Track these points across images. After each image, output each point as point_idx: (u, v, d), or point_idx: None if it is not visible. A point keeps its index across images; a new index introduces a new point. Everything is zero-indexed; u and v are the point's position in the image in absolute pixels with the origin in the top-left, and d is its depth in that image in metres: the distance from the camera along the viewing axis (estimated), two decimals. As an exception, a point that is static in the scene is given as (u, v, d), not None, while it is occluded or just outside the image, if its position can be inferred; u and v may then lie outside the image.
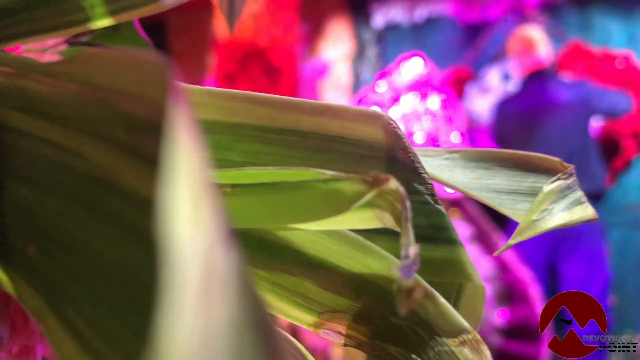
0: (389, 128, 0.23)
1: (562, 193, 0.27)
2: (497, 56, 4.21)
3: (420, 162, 0.24)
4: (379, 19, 4.08)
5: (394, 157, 0.23)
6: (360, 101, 2.32)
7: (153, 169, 0.14)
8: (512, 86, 3.91)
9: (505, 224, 2.85)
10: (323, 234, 0.23)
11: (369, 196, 0.19)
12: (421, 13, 4.05)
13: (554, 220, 0.27)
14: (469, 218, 2.10)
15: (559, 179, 0.28)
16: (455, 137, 2.12)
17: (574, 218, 0.27)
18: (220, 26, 3.58)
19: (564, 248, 2.68)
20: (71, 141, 0.17)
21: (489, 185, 0.29)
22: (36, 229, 0.18)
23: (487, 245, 2.06)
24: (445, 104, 2.21)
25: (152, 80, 0.13)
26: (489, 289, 1.93)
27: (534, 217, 0.27)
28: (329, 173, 0.20)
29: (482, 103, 4.16)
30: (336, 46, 4.20)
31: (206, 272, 0.10)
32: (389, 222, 0.20)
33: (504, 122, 3.19)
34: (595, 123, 2.93)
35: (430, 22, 4.04)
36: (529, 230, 0.26)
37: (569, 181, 0.28)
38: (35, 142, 0.18)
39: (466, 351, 0.22)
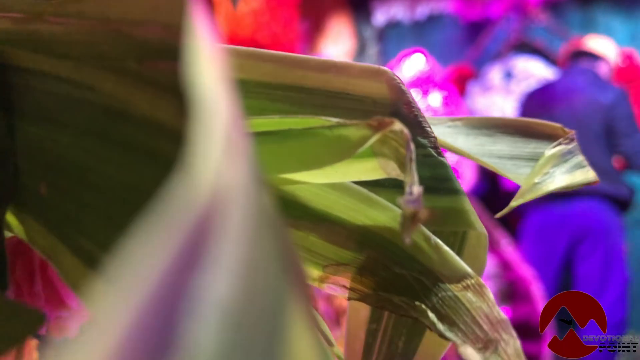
0: (393, 84, 0.24)
1: (563, 157, 0.28)
2: (499, 54, 4.22)
3: (424, 117, 0.24)
4: (380, 16, 4.09)
5: (398, 112, 0.23)
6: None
7: (164, 94, 0.14)
8: (534, 82, 3.90)
9: (505, 221, 2.85)
10: (328, 187, 0.23)
11: (373, 139, 0.19)
12: (423, 10, 4.06)
13: (555, 182, 0.27)
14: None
15: (560, 143, 0.29)
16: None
17: (575, 181, 0.27)
18: (219, 24, 3.59)
19: (582, 248, 2.67)
20: (83, 76, 0.17)
21: (492, 151, 0.30)
22: (48, 166, 0.19)
23: (489, 243, 2.07)
24: (446, 101, 2.21)
25: (166, 5, 0.14)
26: (491, 287, 1.93)
27: (536, 180, 0.27)
28: (334, 120, 0.20)
29: (483, 101, 4.17)
30: (337, 44, 4.20)
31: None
32: (393, 171, 0.20)
33: (532, 111, 3.16)
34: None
35: (432, 20, 4.05)
36: (530, 192, 0.27)
37: (570, 146, 0.29)
38: (46, 81, 0.18)
39: (469, 295, 0.22)
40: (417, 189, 0.17)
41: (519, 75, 4.13)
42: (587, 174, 0.27)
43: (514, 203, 0.27)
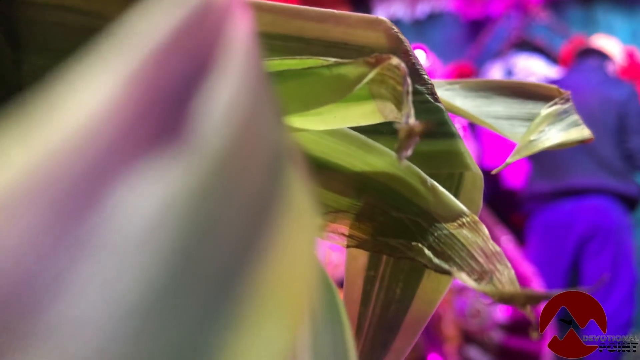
0: (391, 33, 0.25)
1: (559, 116, 0.29)
2: (500, 52, 4.23)
3: (421, 65, 0.25)
4: (380, 14, 4.09)
5: None
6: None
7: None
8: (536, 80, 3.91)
9: (506, 218, 2.86)
10: (326, 134, 0.24)
11: (371, 75, 0.20)
12: (423, 8, 4.07)
13: (551, 139, 0.28)
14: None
15: (555, 103, 0.29)
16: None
17: (570, 138, 0.28)
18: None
19: (591, 246, 2.67)
20: (90, 3, 0.18)
21: (489, 112, 0.31)
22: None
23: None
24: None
25: None
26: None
27: (532, 138, 0.28)
28: (332, 60, 0.21)
29: (484, 100, 4.16)
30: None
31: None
32: (390, 113, 0.21)
33: None
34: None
35: (432, 18, 4.06)
36: (526, 149, 0.28)
37: (565, 106, 0.29)
38: (52, 11, 0.19)
39: (465, 232, 0.23)
40: (412, 119, 0.18)
41: (520, 74, 4.13)
42: (582, 132, 0.28)
43: (510, 159, 0.28)
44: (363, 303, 0.26)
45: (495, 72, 4.22)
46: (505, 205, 3.05)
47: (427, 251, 0.22)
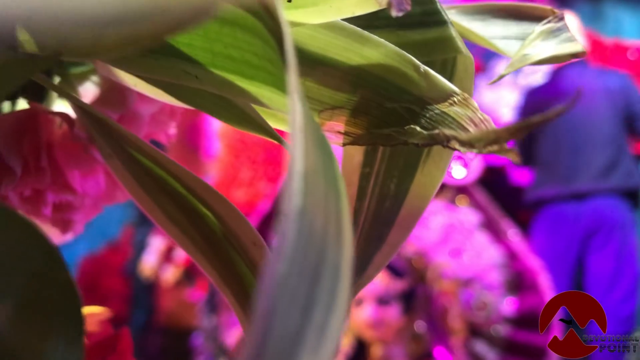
0: None
1: (553, 33, 0.29)
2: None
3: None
4: (384, 10, 4.11)
5: None
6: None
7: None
8: (541, 76, 3.92)
9: (512, 212, 2.86)
10: (322, 28, 0.25)
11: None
12: (428, 4, 4.08)
13: (544, 52, 0.29)
14: (477, 205, 2.12)
15: (550, 21, 0.30)
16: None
17: (563, 51, 0.29)
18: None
19: (595, 240, 2.67)
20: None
21: (484, 34, 0.32)
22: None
23: (496, 233, 2.08)
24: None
25: None
26: (497, 278, 1.94)
27: (525, 52, 0.29)
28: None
29: (491, 95, 4.18)
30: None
31: None
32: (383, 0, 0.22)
33: (535, 112, 3.17)
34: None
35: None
36: (520, 62, 0.28)
37: (559, 24, 0.30)
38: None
39: (456, 108, 0.24)
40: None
41: (527, 69, 4.14)
42: (575, 46, 0.29)
43: (505, 71, 0.29)
44: (359, 199, 0.27)
45: (501, 68, 4.21)
46: (511, 201, 3.05)
47: (419, 129, 0.23)
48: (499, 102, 4.18)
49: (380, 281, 1.85)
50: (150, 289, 5.04)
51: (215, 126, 3.75)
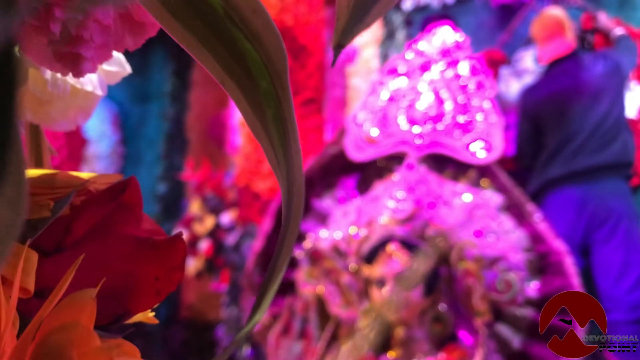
0: None
1: None
2: (532, 38, 4.19)
3: None
4: (409, 0, 4.09)
5: None
6: (390, 71, 2.34)
7: None
8: (540, 70, 3.91)
9: (535, 195, 2.83)
10: None
11: None
12: (452, -7, 4.06)
13: None
14: (500, 187, 2.10)
15: None
16: (486, 103, 2.13)
17: None
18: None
19: (602, 231, 2.66)
20: None
21: None
22: None
23: (520, 215, 2.06)
24: (474, 70, 2.21)
25: None
26: (522, 259, 1.92)
27: None
28: None
29: (517, 86, 4.14)
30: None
31: None
32: None
33: (536, 107, 3.19)
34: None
35: (462, 3, 4.05)
36: None
37: None
38: None
39: None
40: None
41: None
42: None
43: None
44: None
45: (527, 59, 4.20)
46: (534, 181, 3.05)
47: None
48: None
49: (403, 262, 1.85)
50: (173, 282, 5.09)
51: (238, 118, 3.77)
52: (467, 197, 2.00)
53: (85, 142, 5.22)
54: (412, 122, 2.17)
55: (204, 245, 3.84)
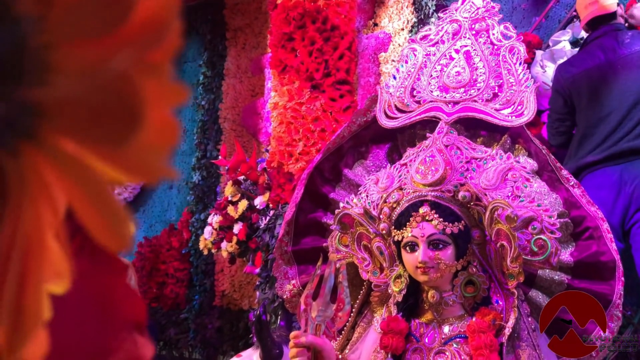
0: None
1: None
2: (567, 22, 4.14)
3: None
4: (443, -16, 4.08)
5: None
6: (422, 38, 2.33)
7: None
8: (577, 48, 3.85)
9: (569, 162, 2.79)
10: None
11: None
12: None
13: None
14: (533, 153, 2.08)
15: None
16: (518, 67, 2.10)
17: None
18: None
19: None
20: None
21: None
22: None
23: (555, 181, 2.03)
24: (506, 35, 2.19)
25: None
26: (557, 222, 1.89)
27: None
28: None
29: (552, 69, 4.09)
30: (397, 16, 4.20)
31: None
32: None
33: (570, 82, 3.15)
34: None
35: (497, -14, 4.02)
36: None
37: None
38: None
39: None
40: None
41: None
42: None
43: None
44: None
45: (562, 42, 4.14)
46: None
47: None
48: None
49: (434, 225, 1.83)
50: (206, 272, 5.12)
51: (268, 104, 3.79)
52: (500, 160, 1.98)
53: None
54: (443, 88, 2.16)
55: (238, 228, 3.86)
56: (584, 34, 4.06)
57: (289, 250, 2.30)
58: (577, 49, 4.14)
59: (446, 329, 1.87)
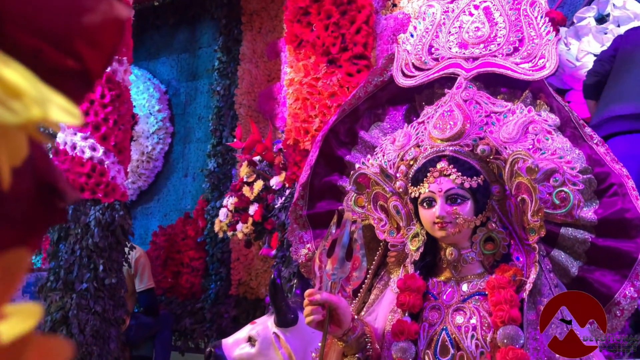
0: None
1: None
2: (592, -2, 4.11)
3: None
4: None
5: None
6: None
7: None
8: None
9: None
10: None
11: None
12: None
13: None
14: (556, 109, 2.06)
15: None
16: (539, 20, 2.08)
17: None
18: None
19: None
20: None
21: None
22: None
23: (578, 137, 2.01)
24: None
25: None
26: (580, 175, 1.87)
27: None
28: None
29: (576, 47, 4.06)
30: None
31: None
32: None
33: (627, 55, 3.14)
34: None
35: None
36: None
37: None
38: None
39: None
40: None
41: (615, 19, 3.99)
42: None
43: None
44: None
45: (587, 19, 4.11)
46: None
47: None
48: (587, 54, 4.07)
49: (452, 180, 1.82)
50: (222, 260, 5.13)
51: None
52: (521, 114, 1.96)
53: (134, 119, 5.30)
54: (462, 44, 2.14)
55: (253, 209, 3.86)
56: (609, 10, 4.04)
57: (303, 214, 2.29)
58: (602, 26, 4.11)
59: (465, 286, 1.86)
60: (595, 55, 3.78)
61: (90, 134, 4.15)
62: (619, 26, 3.94)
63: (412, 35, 2.25)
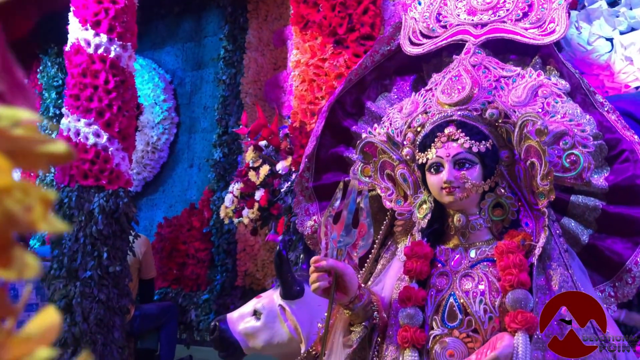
0: None
1: None
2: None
3: None
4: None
5: None
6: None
7: None
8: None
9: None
10: None
11: None
12: None
13: None
14: (566, 75, 2.05)
15: None
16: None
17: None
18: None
19: None
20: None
21: None
22: None
23: (588, 104, 2.00)
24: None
25: None
26: (591, 139, 1.86)
27: None
28: None
29: (587, 31, 4.04)
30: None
31: None
32: None
33: None
34: None
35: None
36: None
37: None
38: None
39: None
40: None
41: (627, 2, 3.98)
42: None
43: None
44: None
45: (600, 1, 4.09)
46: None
47: None
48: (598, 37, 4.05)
49: (460, 144, 1.82)
50: (228, 251, 5.14)
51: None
52: (530, 78, 1.96)
53: (139, 109, 5.32)
54: (471, 11, 2.14)
55: (259, 195, 3.87)
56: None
57: (309, 186, 2.29)
58: (614, 9, 4.11)
59: (473, 253, 1.85)
60: (607, 39, 3.77)
61: (94, 120, 4.16)
62: (631, 9, 3.93)
63: (419, 3, 2.26)
